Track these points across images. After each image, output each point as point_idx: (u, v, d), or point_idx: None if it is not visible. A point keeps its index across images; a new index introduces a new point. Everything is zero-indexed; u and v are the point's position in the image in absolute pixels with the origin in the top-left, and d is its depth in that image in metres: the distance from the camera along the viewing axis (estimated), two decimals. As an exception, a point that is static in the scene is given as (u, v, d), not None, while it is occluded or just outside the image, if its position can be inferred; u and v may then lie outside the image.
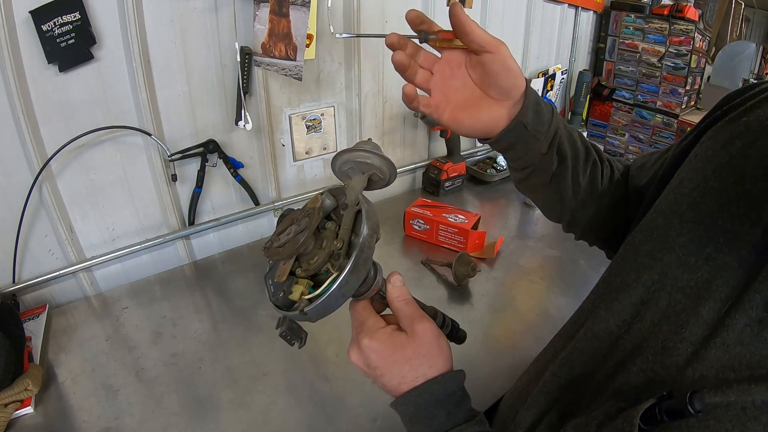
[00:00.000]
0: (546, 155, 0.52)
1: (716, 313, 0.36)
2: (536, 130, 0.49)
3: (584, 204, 0.59)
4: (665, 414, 0.32)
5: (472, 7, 1.45)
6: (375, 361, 0.45)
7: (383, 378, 0.46)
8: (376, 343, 0.45)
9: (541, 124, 0.49)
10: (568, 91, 1.97)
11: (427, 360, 0.45)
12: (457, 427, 0.43)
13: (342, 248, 0.43)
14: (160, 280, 1.11)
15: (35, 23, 0.83)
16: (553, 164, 0.53)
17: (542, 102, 0.50)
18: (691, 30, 1.68)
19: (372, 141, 0.50)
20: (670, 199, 0.45)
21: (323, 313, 0.43)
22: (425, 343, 0.45)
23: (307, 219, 0.44)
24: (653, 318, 0.40)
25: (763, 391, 0.30)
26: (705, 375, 0.34)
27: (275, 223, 1.30)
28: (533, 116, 0.48)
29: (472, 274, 1.06)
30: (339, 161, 0.50)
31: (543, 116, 0.49)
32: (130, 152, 1.03)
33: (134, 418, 0.76)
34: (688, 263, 0.39)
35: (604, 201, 0.59)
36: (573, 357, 0.47)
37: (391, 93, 1.41)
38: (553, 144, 0.51)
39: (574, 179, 0.55)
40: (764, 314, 0.33)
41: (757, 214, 0.36)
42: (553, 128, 0.50)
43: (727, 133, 0.43)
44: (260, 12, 1.01)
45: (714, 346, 0.34)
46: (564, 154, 0.53)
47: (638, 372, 0.38)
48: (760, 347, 0.32)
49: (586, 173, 0.56)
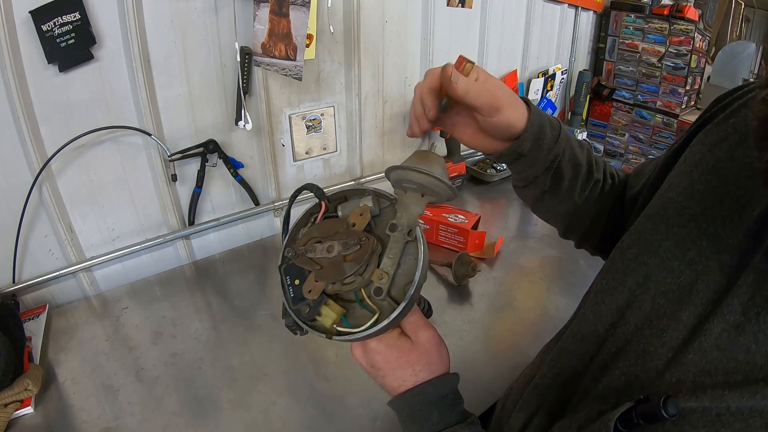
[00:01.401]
0: (540, 176, 0.53)
1: (696, 318, 0.36)
2: (534, 156, 0.50)
3: (579, 217, 0.59)
4: (641, 417, 0.32)
5: (472, 7, 1.46)
6: (379, 363, 0.47)
7: (384, 379, 0.47)
8: (383, 346, 0.46)
9: (540, 151, 0.50)
10: (568, 91, 1.97)
11: (428, 366, 0.47)
12: (449, 428, 0.45)
13: (386, 283, 0.40)
14: (160, 280, 1.11)
15: (35, 23, 0.82)
16: (546, 184, 0.54)
17: (548, 128, 0.50)
18: (691, 30, 1.68)
19: (435, 154, 0.46)
20: (659, 203, 0.45)
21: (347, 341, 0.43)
22: (427, 351, 0.47)
23: (359, 248, 0.41)
24: (636, 322, 0.40)
25: (736, 398, 0.30)
26: (682, 379, 0.34)
27: (278, 224, 1.30)
28: (532, 144, 0.49)
29: (472, 274, 1.06)
30: (401, 174, 0.45)
31: (544, 144, 0.50)
32: (130, 152, 1.03)
33: (134, 418, 0.76)
34: (672, 267, 0.39)
35: (602, 214, 0.59)
36: (561, 358, 0.47)
37: (391, 93, 1.41)
38: (549, 169, 0.52)
39: (567, 197, 0.56)
40: (741, 319, 0.33)
41: (738, 217, 0.36)
42: (553, 155, 0.51)
43: (715, 136, 0.43)
44: (260, 12, 1.01)
45: (692, 350, 0.34)
46: (560, 176, 0.53)
47: (620, 375, 0.39)
48: (737, 352, 0.32)
49: (584, 192, 0.57)
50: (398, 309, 0.40)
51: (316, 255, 0.42)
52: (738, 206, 0.37)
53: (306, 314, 0.41)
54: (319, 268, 0.42)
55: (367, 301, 0.41)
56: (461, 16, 1.46)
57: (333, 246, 0.42)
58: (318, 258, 0.42)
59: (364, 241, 0.42)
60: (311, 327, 0.42)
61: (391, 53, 1.35)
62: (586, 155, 0.56)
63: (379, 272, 0.41)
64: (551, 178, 0.53)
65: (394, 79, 1.40)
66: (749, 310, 0.33)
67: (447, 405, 0.46)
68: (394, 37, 1.34)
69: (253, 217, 1.27)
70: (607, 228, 0.60)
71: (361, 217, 0.44)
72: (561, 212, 0.59)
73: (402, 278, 0.41)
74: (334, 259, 0.42)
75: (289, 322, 0.46)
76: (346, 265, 0.41)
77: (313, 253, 0.43)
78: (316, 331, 0.42)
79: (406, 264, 0.42)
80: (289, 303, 0.43)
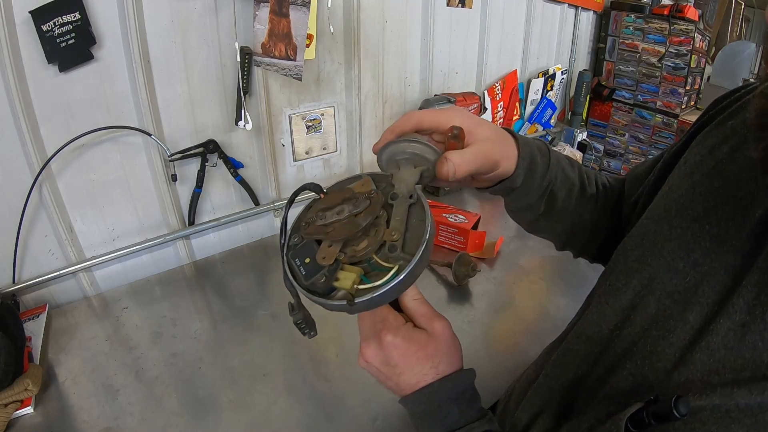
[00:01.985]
0: (534, 203, 0.52)
1: (703, 318, 0.36)
2: (526, 187, 0.50)
3: (576, 233, 0.59)
4: (652, 418, 0.32)
5: (472, 7, 1.46)
6: (396, 358, 0.44)
7: (401, 377, 0.44)
8: (400, 339, 0.43)
9: (533, 181, 0.49)
10: (568, 91, 1.97)
11: (447, 358, 0.45)
12: (469, 425, 0.43)
13: (398, 240, 0.40)
14: (160, 280, 1.11)
15: (35, 23, 0.82)
16: (540, 209, 0.53)
17: (538, 156, 0.49)
18: (691, 30, 1.68)
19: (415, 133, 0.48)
20: (661, 205, 0.45)
21: (369, 308, 0.41)
22: (445, 342, 0.45)
23: (368, 202, 0.42)
24: (643, 323, 0.40)
25: (745, 395, 0.30)
26: (691, 379, 0.34)
27: (277, 224, 1.30)
28: (524, 177, 0.48)
29: (472, 274, 1.06)
30: (392, 149, 0.47)
31: (536, 174, 0.49)
32: (130, 152, 1.03)
33: (134, 418, 0.76)
34: (676, 268, 0.39)
35: (598, 225, 0.59)
36: (565, 359, 0.47)
37: (391, 93, 1.41)
38: (542, 195, 0.52)
39: (562, 217, 0.55)
40: (747, 318, 0.33)
41: (742, 218, 0.37)
42: (546, 182, 0.51)
43: (715, 138, 0.43)
44: (260, 12, 1.01)
45: (699, 350, 0.34)
46: (554, 198, 0.53)
47: (628, 376, 0.39)
48: (743, 351, 0.33)
49: (579, 208, 0.56)
50: (419, 252, 0.39)
51: (327, 220, 0.42)
52: (741, 207, 0.37)
53: (322, 284, 0.40)
54: (332, 230, 0.41)
55: (382, 264, 0.40)
56: (461, 16, 1.47)
57: (343, 208, 0.42)
58: (329, 223, 0.42)
59: (373, 195, 0.43)
60: (329, 299, 0.40)
61: (391, 53, 1.35)
62: (577, 173, 0.55)
63: (390, 231, 0.41)
64: (545, 202, 0.52)
65: (394, 79, 1.40)
66: (755, 309, 0.33)
67: (467, 401, 0.44)
68: (394, 37, 1.34)
69: (253, 217, 1.27)
70: (605, 236, 0.60)
71: (363, 187, 0.45)
72: (557, 231, 0.59)
73: (412, 238, 0.41)
74: (346, 220, 0.41)
75: (298, 319, 0.44)
76: (360, 219, 0.41)
77: (323, 220, 0.42)
78: (334, 303, 0.40)
79: (413, 225, 0.43)
80: (301, 281, 0.41)
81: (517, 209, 0.55)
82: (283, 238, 0.44)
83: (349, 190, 0.45)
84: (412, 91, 1.46)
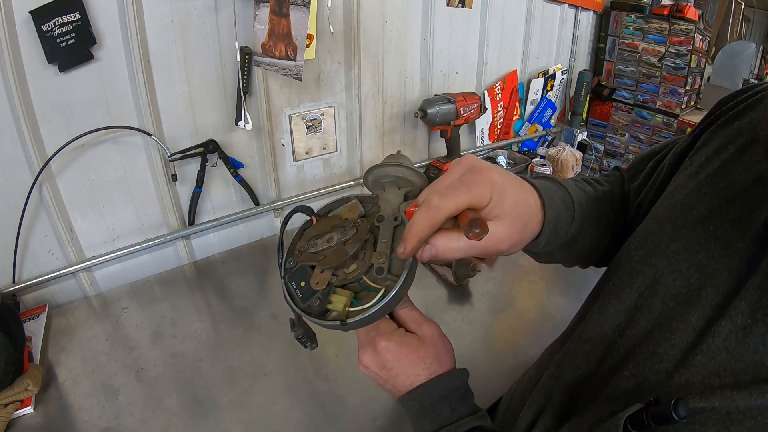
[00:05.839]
0: (555, 253, 0.52)
1: (705, 320, 0.36)
2: (549, 243, 0.46)
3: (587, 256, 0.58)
4: (652, 419, 0.33)
5: (472, 7, 1.46)
6: (390, 362, 0.47)
7: (397, 378, 0.47)
8: (393, 344, 0.47)
9: (557, 238, 0.47)
10: (568, 91, 1.97)
11: (438, 359, 0.47)
12: (459, 421, 0.45)
13: (384, 263, 0.44)
14: (160, 280, 1.11)
15: (35, 23, 0.82)
16: (560, 257, 0.54)
17: (563, 213, 0.45)
18: (691, 30, 1.68)
19: (402, 154, 0.51)
20: (665, 205, 0.45)
21: (361, 326, 0.44)
22: (434, 344, 0.48)
23: (355, 231, 0.45)
24: (646, 324, 0.40)
25: (746, 398, 0.30)
26: (691, 381, 0.34)
27: (277, 224, 1.30)
28: (549, 237, 0.45)
29: (472, 274, 1.06)
30: (377, 173, 0.50)
31: (560, 231, 0.46)
32: (130, 152, 1.03)
33: (134, 418, 0.76)
34: (680, 270, 0.39)
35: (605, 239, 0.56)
36: (567, 359, 0.47)
37: (391, 93, 1.41)
38: (565, 246, 0.49)
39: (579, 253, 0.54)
40: (749, 321, 0.33)
41: (747, 221, 0.36)
42: (569, 237, 0.48)
43: (720, 138, 0.43)
44: (260, 12, 1.01)
45: (700, 352, 0.34)
46: (575, 244, 0.51)
47: (630, 376, 0.39)
48: (744, 354, 0.32)
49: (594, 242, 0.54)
50: (403, 275, 0.42)
51: (318, 248, 0.46)
52: (746, 209, 0.37)
53: (317, 307, 0.44)
54: (323, 257, 0.45)
55: (371, 285, 0.44)
56: (461, 16, 1.46)
57: (332, 236, 0.46)
58: (320, 251, 0.46)
59: (359, 223, 0.46)
60: (324, 319, 0.44)
61: (391, 53, 1.35)
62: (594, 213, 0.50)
63: (377, 254, 0.44)
64: (565, 249, 0.51)
65: (394, 79, 1.40)
66: (756, 312, 0.33)
67: (458, 399, 0.46)
68: (394, 37, 1.34)
69: (253, 217, 1.27)
70: (610, 244, 0.58)
71: (350, 212, 0.49)
72: (571, 261, 0.58)
73: (398, 259, 0.45)
74: (335, 247, 0.45)
75: (299, 334, 0.48)
76: (347, 246, 0.45)
77: (315, 248, 0.46)
78: (328, 323, 0.43)
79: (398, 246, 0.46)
80: (299, 303, 0.45)
81: (533, 256, 0.54)
82: (280, 258, 0.49)
83: (337, 217, 0.49)
84: (412, 91, 1.46)
